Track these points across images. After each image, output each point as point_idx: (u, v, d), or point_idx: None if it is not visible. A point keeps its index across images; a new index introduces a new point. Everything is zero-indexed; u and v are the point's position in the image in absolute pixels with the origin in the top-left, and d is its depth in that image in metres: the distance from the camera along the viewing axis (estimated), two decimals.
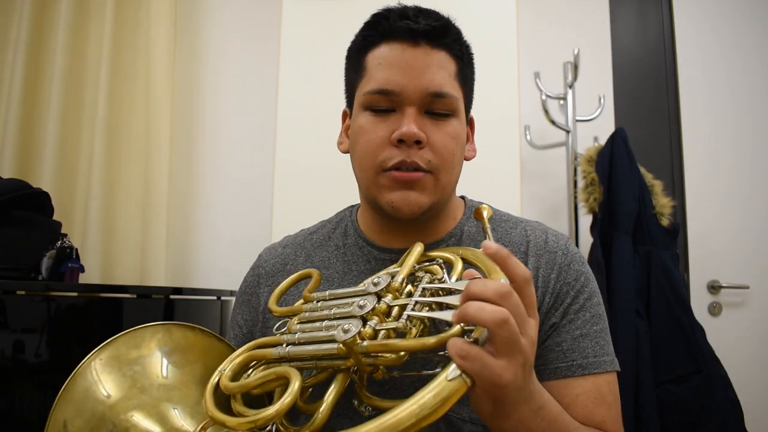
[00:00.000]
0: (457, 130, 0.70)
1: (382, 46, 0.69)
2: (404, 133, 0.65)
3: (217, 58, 2.13)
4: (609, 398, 0.68)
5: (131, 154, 1.95)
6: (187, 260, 2.04)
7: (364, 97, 0.69)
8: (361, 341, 0.48)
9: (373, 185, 0.69)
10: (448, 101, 0.68)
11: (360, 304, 0.52)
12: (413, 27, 0.67)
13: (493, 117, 1.57)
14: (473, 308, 0.43)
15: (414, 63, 0.67)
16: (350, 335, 0.48)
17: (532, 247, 0.73)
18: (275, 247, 0.83)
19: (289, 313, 0.63)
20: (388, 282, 0.54)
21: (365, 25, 0.73)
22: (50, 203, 1.55)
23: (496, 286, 0.45)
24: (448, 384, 0.42)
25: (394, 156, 0.66)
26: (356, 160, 0.72)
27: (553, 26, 2.13)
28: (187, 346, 0.64)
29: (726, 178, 2.05)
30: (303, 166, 1.61)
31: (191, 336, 0.65)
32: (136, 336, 0.62)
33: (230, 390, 0.53)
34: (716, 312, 1.98)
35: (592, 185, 1.74)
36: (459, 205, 0.80)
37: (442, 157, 0.68)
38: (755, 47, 2.12)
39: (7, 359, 1.19)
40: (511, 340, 0.43)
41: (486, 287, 0.44)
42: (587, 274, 0.73)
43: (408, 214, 0.67)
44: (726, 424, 1.54)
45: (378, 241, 0.76)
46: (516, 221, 0.78)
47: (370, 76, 0.69)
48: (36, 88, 1.93)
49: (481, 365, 0.43)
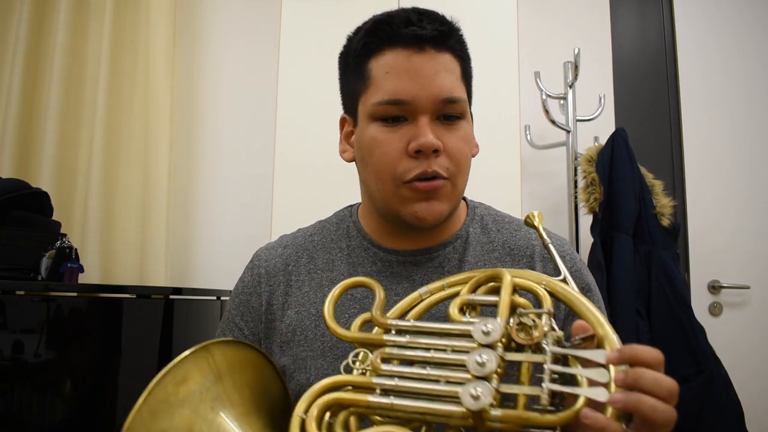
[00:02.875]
0: (468, 132, 0.70)
1: (386, 54, 0.67)
2: (423, 144, 0.64)
3: (217, 58, 2.13)
4: None
5: (131, 154, 1.95)
6: (187, 260, 2.04)
7: (374, 108, 0.67)
8: (492, 410, 0.44)
9: (394, 197, 0.68)
10: (459, 105, 0.68)
11: (480, 360, 0.46)
12: (419, 33, 0.65)
13: (493, 117, 1.57)
14: (648, 405, 0.43)
15: (422, 70, 0.65)
16: (483, 404, 0.44)
17: (538, 252, 0.74)
18: (274, 247, 0.81)
19: (362, 340, 0.55)
20: (500, 333, 0.48)
21: (365, 32, 0.70)
22: (49, 203, 1.54)
23: (670, 385, 0.44)
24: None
25: (413, 167, 0.65)
26: (372, 173, 0.69)
27: (554, 26, 2.13)
28: (230, 367, 0.57)
29: (726, 178, 2.05)
30: (303, 166, 1.60)
31: (230, 353, 0.58)
32: (180, 369, 0.53)
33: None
34: (717, 312, 1.98)
35: (593, 185, 1.74)
36: (462, 207, 0.79)
37: (458, 163, 0.68)
38: (755, 47, 2.11)
39: (7, 359, 1.18)
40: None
41: (661, 386, 0.44)
42: (593, 281, 0.75)
43: (432, 223, 0.68)
44: (727, 424, 1.54)
45: (384, 242, 0.75)
46: (519, 224, 0.78)
47: (378, 85, 0.67)
48: (35, 88, 1.93)
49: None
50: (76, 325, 1.28)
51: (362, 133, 0.70)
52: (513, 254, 0.75)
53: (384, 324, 0.55)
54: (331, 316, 0.58)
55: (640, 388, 0.44)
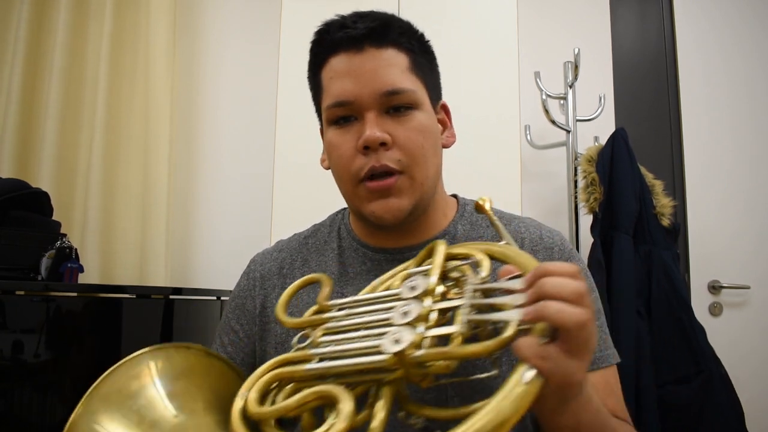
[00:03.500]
0: (423, 122, 0.69)
1: (331, 60, 0.70)
2: (367, 138, 0.65)
3: (217, 58, 2.13)
4: (615, 389, 0.69)
5: (131, 154, 1.95)
6: (187, 260, 2.04)
7: (326, 113, 0.71)
8: (415, 351, 0.45)
9: (354, 197, 0.70)
10: (405, 96, 0.68)
11: (404, 311, 0.48)
12: (352, 34, 0.68)
13: (493, 117, 1.57)
14: (553, 309, 0.42)
15: (362, 68, 0.67)
16: (403, 345, 0.45)
17: (527, 243, 0.73)
18: (269, 252, 0.83)
19: (306, 324, 0.58)
20: (427, 285, 0.50)
21: (312, 44, 0.74)
22: (49, 203, 1.54)
23: (574, 286, 0.43)
24: (526, 387, 0.40)
25: (364, 164, 0.67)
26: (335, 176, 0.73)
27: (554, 26, 2.13)
28: (189, 369, 0.59)
29: (726, 179, 2.05)
30: (303, 166, 1.60)
31: (192, 357, 0.60)
32: (134, 365, 0.56)
33: (264, 415, 0.48)
34: (717, 312, 1.98)
35: (593, 185, 1.74)
36: (451, 204, 0.79)
37: (411, 153, 0.67)
38: (755, 47, 2.11)
39: (7, 360, 1.18)
40: (588, 341, 0.43)
41: (564, 287, 0.43)
42: (585, 270, 0.75)
43: (392, 220, 0.68)
44: (727, 424, 1.54)
45: (372, 242, 0.76)
46: (509, 217, 0.78)
47: (327, 91, 0.71)
48: (35, 88, 1.93)
49: (557, 365, 0.42)
50: (76, 325, 1.28)
51: (324, 139, 0.74)
52: None
53: (326, 306, 0.58)
54: (282, 310, 0.61)
55: (544, 296, 0.43)
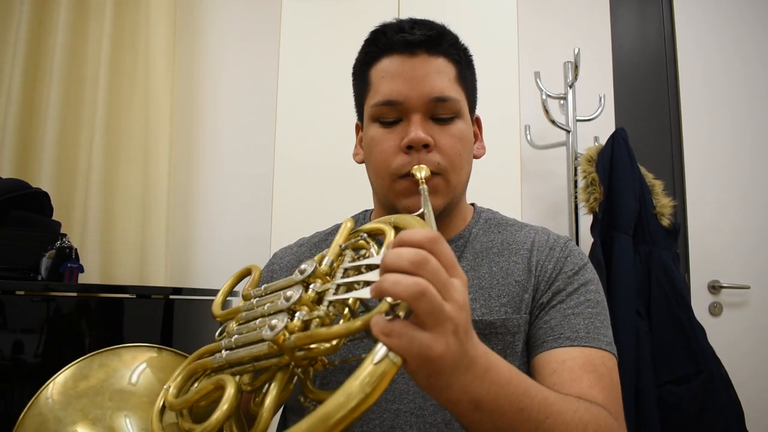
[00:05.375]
0: (463, 131, 0.74)
1: (383, 60, 0.74)
2: (412, 138, 0.69)
3: (217, 58, 2.13)
4: (602, 371, 0.66)
5: (131, 154, 1.95)
6: (187, 260, 2.04)
7: (372, 110, 0.74)
8: (288, 336, 0.44)
9: (390, 192, 0.73)
10: (450, 104, 0.72)
11: (286, 296, 0.47)
12: (409, 39, 0.71)
13: (493, 117, 1.56)
14: (388, 282, 0.39)
15: (414, 72, 0.71)
16: (276, 332, 0.44)
17: (536, 245, 0.77)
18: (290, 247, 0.88)
19: (230, 315, 0.59)
20: (314, 267, 0.49)
21: (366, 42, 0.77)
22: (49, 203, 1.54)
23: (410, 254, 0.40)
24: (375, 367, 0.38)
25: (407, 163, 0.70)
26: (372, 170, 0.76)
27: (553, 26, 2.13)
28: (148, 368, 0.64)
29: (726, 178, 2.05)
30: (303, 166, 1.60)
31: (147, 356, 0.65)
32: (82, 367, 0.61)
33: (174, 407, 0.50)
34: (717, 312, 1.98)
35: (593, 185, 1.74)
36: (469, 210, 0.84)
37: (450, 159, 0.72)
38: (755, 47, 2.11)
39: (7, 359, 1.18)
40: (434, 310, 0.39)
41: (400, 257, 0.40)
42: (585, 266, 0.76)
43: None
44: (727, 424, 1.54)
45: None
46: (521, 225, 0.83)
47: (375, 89, 0.74)
48: (35, 88, 1.93)
49: (408, 341, 0.39)
50: (76, 325, 1.28)
51: (365, 134, 0.77)
52: (510, 248, 0.78)
53: (246, 295, 0.60)
54: (218, 305, 0.63)
55: (385, 269, 0.41)
